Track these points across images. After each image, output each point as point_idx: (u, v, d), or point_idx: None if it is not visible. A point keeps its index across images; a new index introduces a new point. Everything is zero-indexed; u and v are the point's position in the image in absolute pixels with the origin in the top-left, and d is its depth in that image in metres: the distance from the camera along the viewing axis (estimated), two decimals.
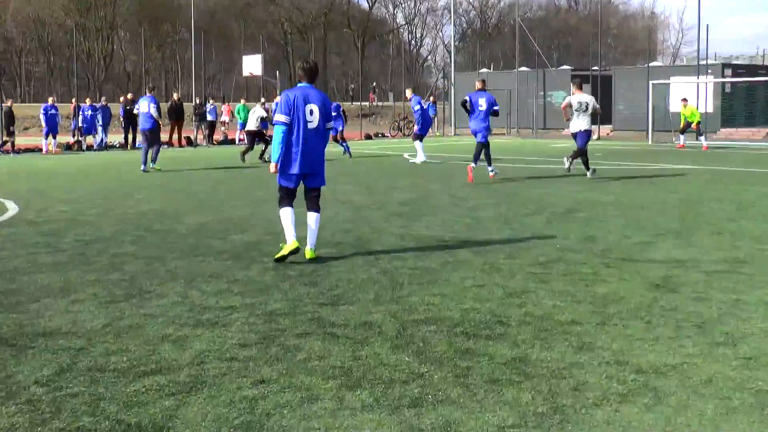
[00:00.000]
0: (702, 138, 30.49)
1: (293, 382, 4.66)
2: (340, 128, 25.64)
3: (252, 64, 45.03)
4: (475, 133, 17.17)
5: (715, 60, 49.07)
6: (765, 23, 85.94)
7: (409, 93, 24.06)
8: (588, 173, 17.05)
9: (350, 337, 5.53)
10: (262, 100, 31.15)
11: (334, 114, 24.62)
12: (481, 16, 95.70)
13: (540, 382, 4.63)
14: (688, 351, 5.19)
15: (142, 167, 19.98)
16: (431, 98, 46.07)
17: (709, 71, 38.65)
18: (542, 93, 46.47)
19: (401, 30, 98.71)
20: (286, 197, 8.40)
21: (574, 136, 17.00)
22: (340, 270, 7.83)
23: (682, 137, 30.57)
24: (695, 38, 40.84)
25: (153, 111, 20.29)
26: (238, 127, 35.88)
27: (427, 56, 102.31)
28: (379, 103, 63.36)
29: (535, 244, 9.15)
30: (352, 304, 6.49)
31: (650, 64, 43.38)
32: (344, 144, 25.60)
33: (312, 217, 8.46)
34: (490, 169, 17.17)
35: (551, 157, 24.94)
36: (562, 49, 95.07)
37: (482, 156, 17.11)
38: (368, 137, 41.08)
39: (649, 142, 34.58)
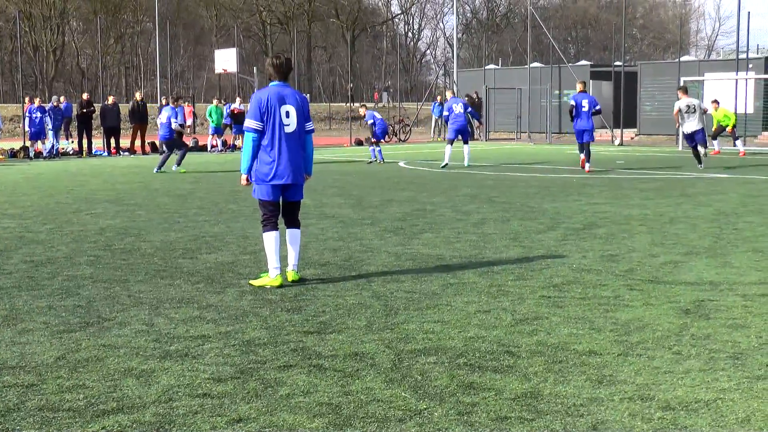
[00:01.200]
0: (738, 142, 30.79)
1: (274, 420, 4.72)
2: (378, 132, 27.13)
3: (226, 60, 45.16)
4: (581, 132, 21.98)
5: (757, 53, 49.33)
6: None
7: (449, 94, 25.89)
8: (701, 165, 22.61)
9: (339, 370, 5.60)
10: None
11: (370, 122, 26.21)
12: (488, 4, 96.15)
13: (554, 420, 4.70)
14: (723, 385, 5.26)
15: (156, 169, 23.41)
16: (438, 98, 46.19)
17: (750, 66, 38.91)
18: (557, 92, 46.73)
19: (396, 21, 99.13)
20: (271, 217, 8.38)
21: (689, 136, 22.57)
22: (326, 294, 7.90)
23: (715, 143, 30.91)
24: (734, 28, 41.17)
25: (173, 123, 23.54)
26: (210, 131, 36.00)
27: (425, 50, 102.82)
28: (394, 104, 63.15)
29: (549, 264, 9.24)
30: (341, 332, 6.55)
31: (681, 59, 43.66)
32: (376, 149, 27.12)
33: (293, 235, 8.52)
34: (588, 165, 22.22)
35: (567, 165, 25.07)
36: (580, 42, 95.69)
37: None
38: (359, 143, 41.16)
39: (680, 148, 34.73)
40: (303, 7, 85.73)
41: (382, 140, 27.75)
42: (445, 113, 24.78)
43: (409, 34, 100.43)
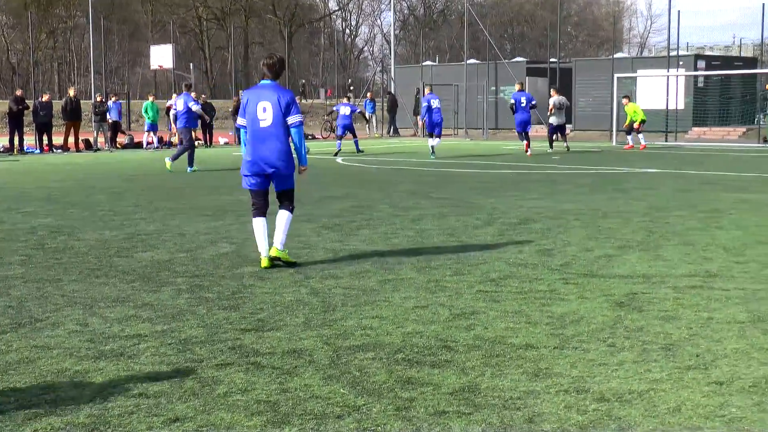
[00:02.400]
0: (640, 136, 31.74)
1: (212, 419, 4.68)
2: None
3: (161, 56, 44.68)
4: (521, 123, 27.36)
5: (687, 51, 50.26)
6: (741, 9, 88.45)
7: (428, 90, 28.16)
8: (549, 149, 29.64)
9: (277, 367, 5.58)
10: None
11: (334, 109, 29.54)
12: (425, 1, 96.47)
13: (491, 413, 4.73)
14: (655, 376, 5.35)
15: (189, 168, 22.24)
16: (369, 95, 46.19)
17: (681, 63, 39.60)
18: (494, 88, 47.07)
19: (334, 17, 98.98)
20: (255, 204, 9.19)
21: (556, 128, 29.72)
22: (264, 291, 7.87)
23: (629, 137, 31.90)
24: (665, 26, 41.87)
25: (195, 108, 22.53)
26: (146, 128, 35.59)
27: (363, 47, 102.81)
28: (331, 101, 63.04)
29: (486, 259, 9.30)
30: (279, 329, 6.53)
31: (615, 56, 44.29)
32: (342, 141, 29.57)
33: (281, 215, 9.08)
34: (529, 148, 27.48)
35: (504, 161, 25.29)
36: (516, 39, 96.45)
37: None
38: None
39: (614, 143, 35.26)
40: (240, 3, 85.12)
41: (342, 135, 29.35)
42: (424, 104, 26.74)
43: (347, 31, 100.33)
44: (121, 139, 36.22)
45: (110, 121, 34.57)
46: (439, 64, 58.39)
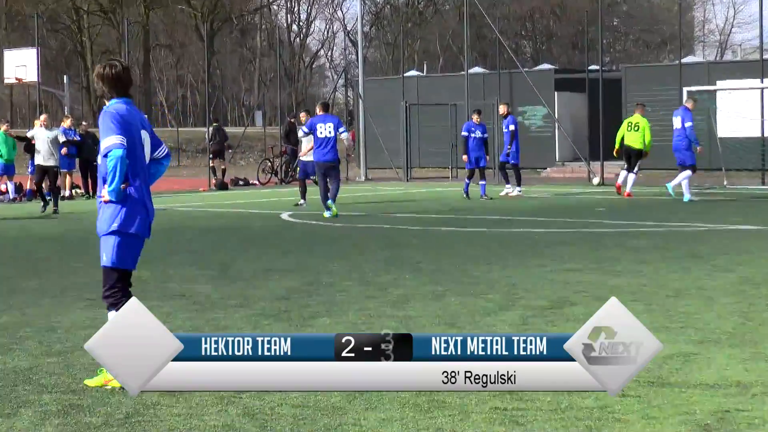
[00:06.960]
0: (630, 172, 30.52)
1: None
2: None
3: (20, 64, 44.62)
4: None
5: None
6: None
7: (503, 109, 32.31)
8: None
9: None
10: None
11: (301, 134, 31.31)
12: None
13: None
14: None
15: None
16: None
17: None
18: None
19: (275, 8, 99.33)
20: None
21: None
22: (175, 413, 7.77)
23: (626, 176, 30.69)
24: (755, 18, 42.25)
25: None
26: None
27: (318, 51, 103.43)
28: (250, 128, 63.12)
29: None
30: None
31: (683, 60, 44.69)
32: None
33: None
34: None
35: (528, 216, 25.28)
36: (539, 38, 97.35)
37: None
38: (223, 187, 40.37)
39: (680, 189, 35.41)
40: None
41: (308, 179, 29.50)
42: (512, 127, 31.72)
43: (294, 28, 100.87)
44: None
45: None
46: (428, 74, 58.75)
